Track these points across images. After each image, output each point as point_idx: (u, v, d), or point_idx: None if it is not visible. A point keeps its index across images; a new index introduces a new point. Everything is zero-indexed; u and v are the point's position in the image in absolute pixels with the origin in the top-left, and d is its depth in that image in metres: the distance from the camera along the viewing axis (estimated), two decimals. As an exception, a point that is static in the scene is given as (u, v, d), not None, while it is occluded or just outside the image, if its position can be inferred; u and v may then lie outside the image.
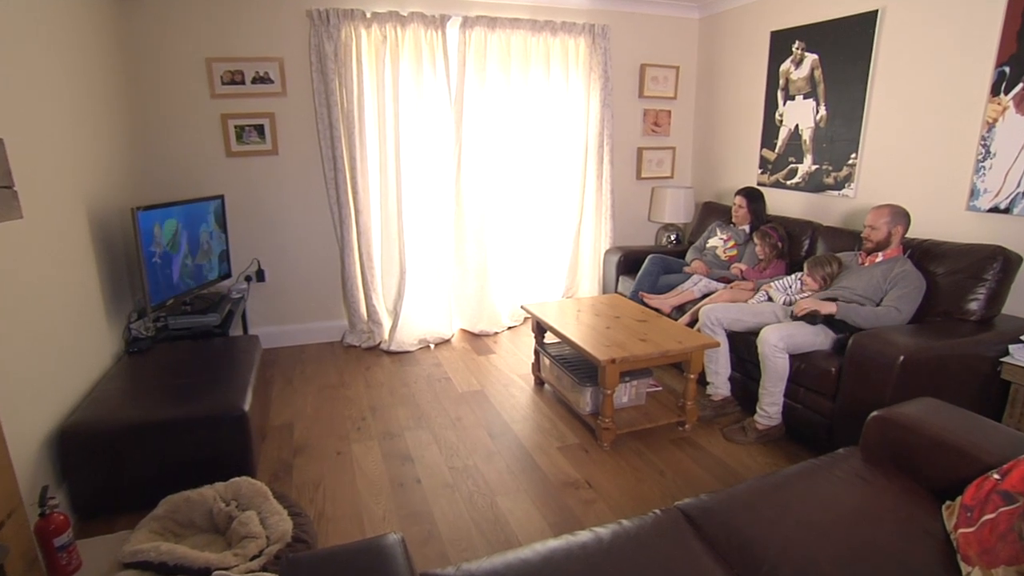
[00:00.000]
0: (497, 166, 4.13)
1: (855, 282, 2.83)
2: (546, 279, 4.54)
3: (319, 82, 3.60)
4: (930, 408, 1.75)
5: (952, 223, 2.95)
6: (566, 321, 3.07)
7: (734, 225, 3.93)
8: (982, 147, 2.79)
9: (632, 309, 3.30)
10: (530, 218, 4.38)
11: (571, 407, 3.02)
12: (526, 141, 4.21)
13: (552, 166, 4.35)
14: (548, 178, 4.36)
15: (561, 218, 4.46)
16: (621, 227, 4.76)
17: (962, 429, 1.62)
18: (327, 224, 3.93)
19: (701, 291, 3.55)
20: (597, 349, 2.66)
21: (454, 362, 3.76)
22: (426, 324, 4.06)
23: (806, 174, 3.80)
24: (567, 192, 4.42)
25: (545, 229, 4.45)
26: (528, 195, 4.32)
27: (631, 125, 4.64)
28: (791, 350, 2.66)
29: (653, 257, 3.92)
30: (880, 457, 1.73)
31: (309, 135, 3.75)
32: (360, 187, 3.75)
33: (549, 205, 4.41)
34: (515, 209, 4.30)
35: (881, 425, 1.74)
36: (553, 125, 4.27)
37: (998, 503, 1.31)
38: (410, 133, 3.83)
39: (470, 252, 4.13)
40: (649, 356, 2.64)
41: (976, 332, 2.50)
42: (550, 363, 3.23)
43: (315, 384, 3.42)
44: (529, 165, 4.27)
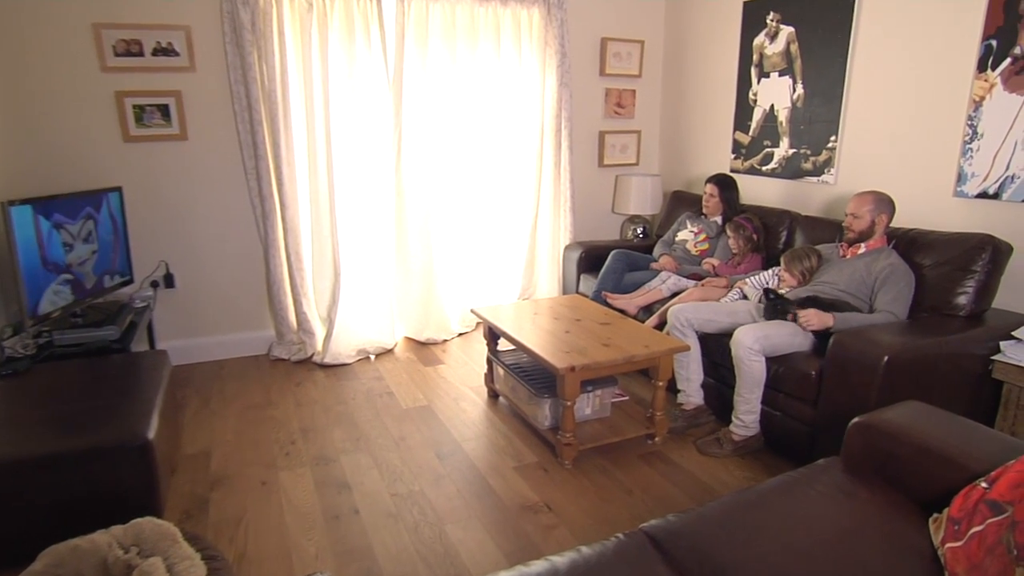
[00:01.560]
0: (442, 154, 4.09)
1: (836, 276, 2.89)
2: (500, 279, 4.53)
3: (234, 56, 3.49)
4: (915, 413, 1.78)
5: (939, 210, 3.05)
6: (521, 325, 3.06)
7: (705, 216, 3.98)
8: (969, 128, 2.89)
9: (594, 311, 3.30)
10: (481, 212, 4.36)
11: (528, 422, 3.00)
12: (475, 125, 4.19)
13: (504, 153, 4.33)
14: (500, 167, 4.34)
15: (515, 211, 4.45)
16: (582, 220, 4.77)
17: (949, 435, 1.66)
18: (248, 220, 3.82)
19: (670, 289, 3.58)
20: (555, 356, 2.65)
21: (397, 375, 3.71)
22: (365, 332, 4.00)
23: (783, 159, 3.88)
24: (522, 182, 4.41)
25: (498, 224, 4.44)
26: (478, 186, 4.30)
27: (592, 106, 4.65)
28: (767, 352, 2.69)
29: (617, 253, 3.94)
30: (863, 467, 1.76)
31: (224, 117, 3.63)
32: (286, 177, 3.65)
33: (502, 197, 4.40)
34: (464, 202, 4.27)
35: (863, 432, 1.76)
36: (505, 107, 4.25)
37: (986, 514, 1.33)
38: (342, 116, 3.76)
39: (414, 251, 4.09)
40: (613, 362, 2.63)
41: (965, 328, 2.57)
42: (504, 373, 3.20)
43: (237, 405, 3.31)
44: (478, 152, 4.25)
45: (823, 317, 2.67)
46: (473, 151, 4.23)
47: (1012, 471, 1.35)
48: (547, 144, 4.39)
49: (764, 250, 3.61)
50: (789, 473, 1.77)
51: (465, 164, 4.22)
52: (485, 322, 3.24)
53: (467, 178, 4.25)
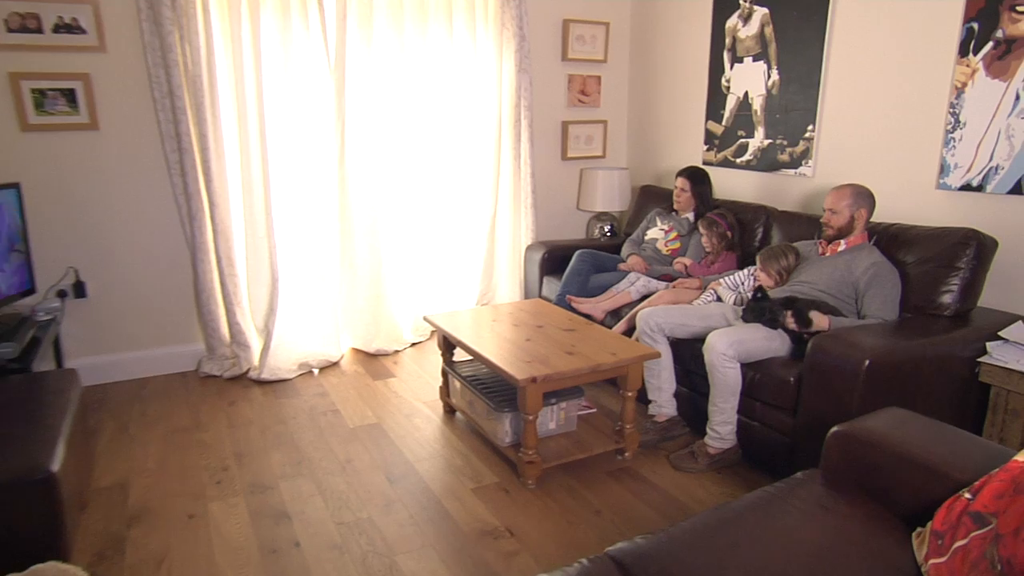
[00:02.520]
0: (390, 146, 4.06)
1: (815, 275, 2.94)
2: (456, 284, 4.52)
3: (152, 35, 3.40)
4: (896, 420, 1.82)
5: (921, 204, 3.13)
6: (478, 334, 3.05)
7: (676, 213, 4.02)
8: (951, 116, 2.97)
9: (558, 316, 3.31)
10: (434, 210, 4.34)
11: (488, 439, 2.99)
12: (426, 115, 4.17)
13: (459, 146, 4.32)
14: (454, 161, 4.33)
15: (472, 209, 4.45)
16: (545, 218, 4.79)
17: (931, 443, 1.69)
18: (172, 221, 3.73)
19: (639, 292, 3.61)
20: (514, 366, 2.64)
21: (344, 390, 3.66)
22: (307, 344, 3.94)
23: (758, 150, 3.94)
24: (478, 177, 4.41)
25: (453, 223, 4.42)
26: (431, 182, 4.28)
27: (553, 94, 4.67)
28: (743, 358, 2.72)
29: (582, 253, 3.96)
30: (843, 480, 1.78)
31: (142, 105, 3.54)
32: (215, 173, 3.57)
33: (457, 194, 4.39)
34: (415, 199, 4.25)
35: (842, 442, 1.79)
36: (458, 95, 4.24)
37: (969, 527, 1.36)
38: (278, 104, 3.70)
39: (360, 253, 4.05)
40: (578, 372, 2.64)
41: (951, 329, 2.64)
42: (461, 386, 3.19)
43: (160, 428, 3.23)
44: (430, 145, 4.23)
45: (820, 320, 2.73)
46: (424, 143, 4.20)
47: (995, 480, 1.38)
48: (505, 135, 4.39)
49: (739, 248, 3.67)
50: (765, 488, 1.78)
51: (416, 158, 4.19)
52: (439, 330, 3.22)
53: (418, 173, 4.23)
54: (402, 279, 4.27)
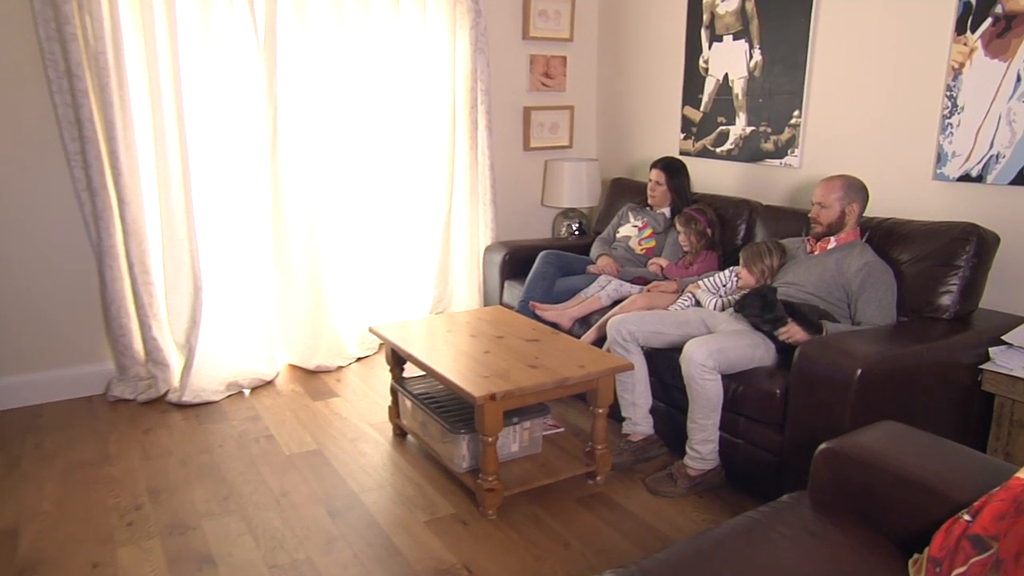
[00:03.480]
0: (330, 136, 4.03)
1: (803, 276, 2.99)
2: (407, 290, 4.50)
3: (44, 4, 3.31)
4: (890, 435, 1.85)
5: (917, 197, 3.20)
6: (432, 346, 3.04)
7: (651, 208, 4.05)
8: (948, 100, 3.04)
9: (520, 325, 3.31)
10: (381, 207, 4.32)
11: (443, 464, 2.98)
12: (370, 101, 4.14)
13: (408, 136, 4.31)
14: (404, 152, 4.32)
15: (424, 206, 4.43)
16: (505, 215, 4.79)
17: (928, 460, 1.72)
18: (74, 221, 3.64)
19: (610, 297, 3.62)
20: (471, 382, 2.63)
21: (279, 412, 3.62)
22: (237, 361, 3.89)
23: (739, 138, 3.99)
24: (430, 170, 4.39)
25: (403, 222, 4.41)
26: (377, 176, 4.26)
27: (514, 77, 4.68)
28: (724, 369, 2.75)
29: (547, 254, 3.97)
30: (832, 502, 1.80)
31: (33, 86, 3.44)
32: (124, 166, 3.50)
33: (407, 189, 4.37)
34: (360, 196, 4.23)
35: (831, 461, 1.81)
36: (407, 79, 4.22)
37: (969, 552, 1.39)
38: (199, 88, 3.64)
39: (298, 257, 4.01)
40: (542, 387, 2.64)
41: (950, 333, 2.68)
42: (413, 405, 3.17)
43: (59, 463, 3.14)
44: (376, 134, 4.21)
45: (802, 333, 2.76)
46: (369, 133, 4.18)
47: (996, 500, 1.41)
48: (460, 123, 4.38)
49: (720, 247, 3.71)
50: (749, 514, 1.80)
51: (360, 149, 4.17)
52: (387, 343, 3.20)
53: (363, 166, 4.20)
54: (345, 285, 4.24)
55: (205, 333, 3.77)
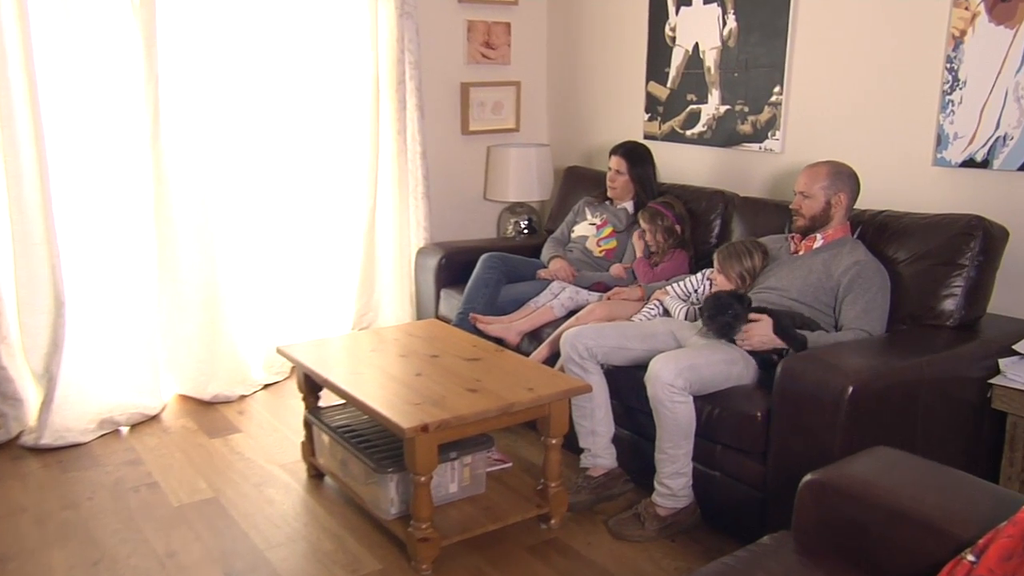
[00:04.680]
0: (226, 118, 3.98)
1: (787, 279, 3.02)
2: (324, 302, 4.47)
3: None
4: (884, 463, 1.86)
5: (915, 185, 3.26)
6: (353, 369, 3.01)
7: (611, 202, 4.07)
8: (948, 72, 3.11)
9: (459, 342, 3.30)
10: (291, 204, 4.29)
11: (367, 511, 2.94)
12: (274, 76, 4.11)
13: (323, 119, 4.28)
14: (317, 137, 4.29)
15: (343, 202, 4.41)
16: (441, 212, 4.77)
17: (928, 491, 1.74)
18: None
19: (564, 307, 3.63)
20: (399, 411, 2.61)
21: (166, 454, 3.57)
22: (111, 393, 3.82)
23: (712, 119, 4.04)
24: (350, 160, 4.37)
25: (318, 221, 4.38)
26: (285, 166, 4.23)
27: (449, 47, 4.67)
28: (696, 389, 2.76)
29: (490, 258, 3.96)
30: (819, 543, 1.81)
31: None
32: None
33: (321, 182, 4.35)
34: (263, 190, 4.18)
35: (817, 494, 1.82)
36: (319, 48, 4.20)
37: (973, 597, 1.40)
38: (56, 58, 3.55)
39: (188, 264, 3.96)
40: (484, 415, 2.63)
41: (954, 343, 2.72)
42: (330, 441, 3.14)
43: None
44: (282, 116, 4.17)
45: (766, 335, 2.79)
46: (275, 114, 4.14)
47: (1002, 536, 1.42)
48: (385, 103, 4.36)
49: (691, 246, 3.74)
50: (725, 560, 1.79)
51: (264, 133, 4.13)
52: (299, 366, 3.17)
53: (268, 154, 4.16)
54: (248, 298, 4.18)
55: (70, 359, 3.69)
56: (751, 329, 2.82)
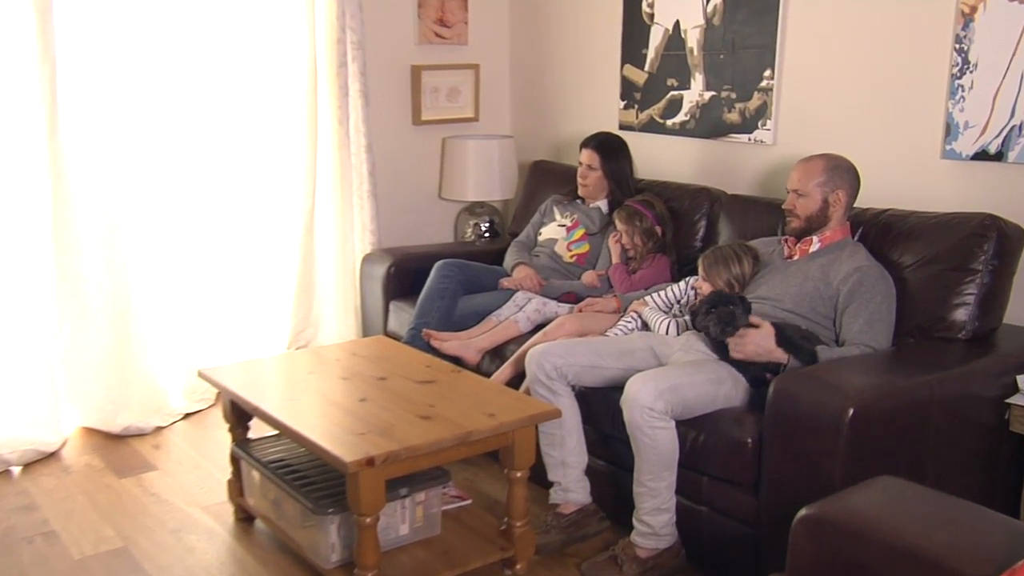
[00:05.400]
0: (137, 108, 3.95)
1: (780, 288, 3.04)
2: (255, 318, 4.46)
3: None
4: (888, 495, 1.87)
5: (922, 181, 3.29)
6: (288, 394, 3.00)
7: (583, 201, 4.08)
8: (957, 54, 3.14)
9: (410, 362, 3.29)
10: (215, 206, 4.27)
11: (304, 557, 2.91)
12: (193, 58, 4.09)
13: (252, 107, 4.27)
14: (245, 130, 4.27)
15: (277, 203, 4.40)
16: (390, 213, 4.76)
17: (937, 526, 1.74)
18: None
19: (531, 320, 3.63)
20: (341, 442, 2.58)
21: (66, 498, 3.51)
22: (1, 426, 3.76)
23: (696, 107, 4.07)
24: (284, 154, 4.36)
25: (247, 225, 4.36)
26: (207, 162, 4.21)
27: (397, 25, 4.67)
28: (679, 412, 2.75)
29: (445, 265, 3.95)
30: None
31: None
32: None
33: (251, 180, 4.33)
34: (182, 190, 4.16)
35: (814, 531, 1.82)
36: (246, 28, 4.18)
37: (988, 646, 1.40)
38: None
39: (93, 277, 3.93)
40: (439, 445, 2.61)
41: (968, 358, 2.74)
42: (261, 478, 3.11)
43: None
44: (203, 104, 4.16)
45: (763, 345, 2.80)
46: (194, 102, 4.12)
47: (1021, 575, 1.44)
48: (324, 89, 4.35)
49: (673, 251, 3.76)
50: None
51: (181, 125, 4.10)
52: (225, 392, 3.14)
53: (186, 150, 4.13)
54: (165, 315, 4.16)
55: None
56: (749, 334, 2.82)
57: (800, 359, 2.78)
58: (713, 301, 2.90)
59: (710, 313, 2.87)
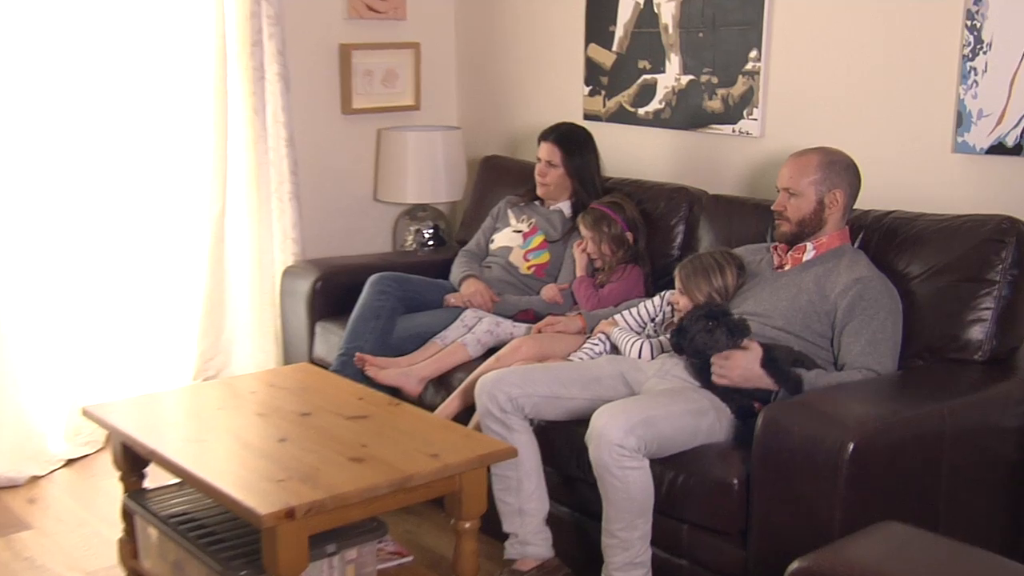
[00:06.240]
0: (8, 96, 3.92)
1: (769, 302, 3.06)
2: (154, 345, 4.43)
3: None
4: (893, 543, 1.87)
5: (931, 178, 3.33)
6: (193, 434, 2.99)
7: (542, 203, 4.09)
8: (969, 32, 3.17)
9: (340, 393, 3.27)
10: (104, 214, 4.25)
11: (213, 630, 2.87)
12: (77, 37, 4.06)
13: (146, 92, 4.25)
14: (138, 121, 4.26)
15: (178, 208, 4.39)
16: (316, 218, 4.75)
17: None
18: None
19: (481, 343, 3.63)
20: (255, 491, 2.56)
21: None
22: None
23: (672, 93, 4.09)
24: (187, 149, 4.35)
25: (143, 235, 4.33)
26: (92, 161, 4.19)
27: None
28: (654, 450, 2.75)
29: (381, 279, 3.94)
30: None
31: None
32: None
33: (146, 181, 4.31)
34: (62, 193, 4.13)
35: (810, 587, 1.83)
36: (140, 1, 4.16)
37: None
38: None
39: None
40: (373, 492, 2.58)
41: (985, 383, 2.77)
42: (160, 535, 3.07)
43: None
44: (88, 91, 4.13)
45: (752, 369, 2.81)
46: (77, 89, 4.10)
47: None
48: (235, 72, 4.34)
49: (647, 260, 3.78)
50: None
51: (60, 117, 4.08)
52: (115, 433, 3.10)
53: (67, 146, 4.11)
54: (44, 343, 4.12)
55: None
56: (735, 356, 2.82)
57: (785, 387, 2.78)
58: (698, 314, 2.90)
59: (695, 324, 2.86)
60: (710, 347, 2.85)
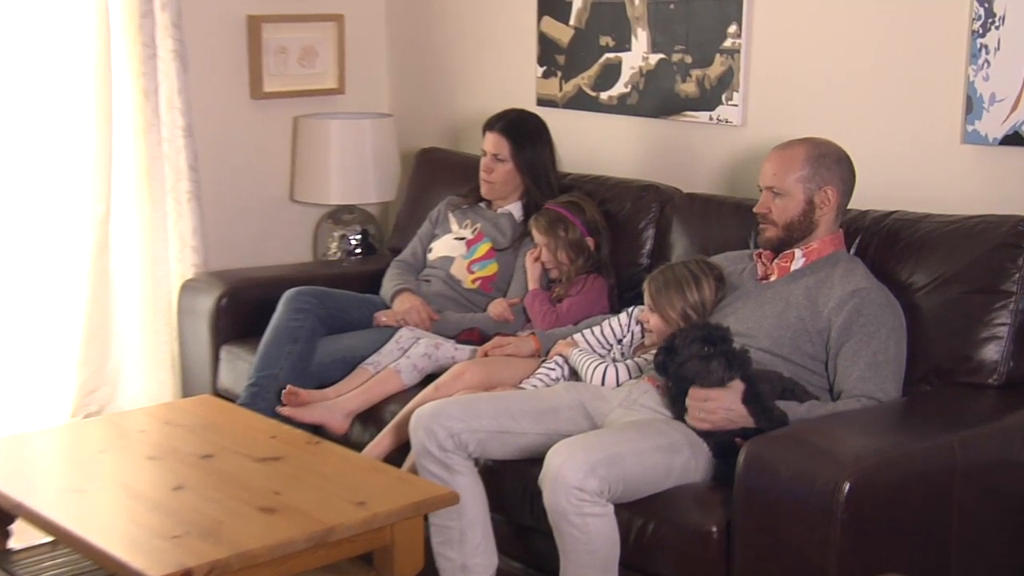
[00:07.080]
0: None
1: (753, 319, 3.09)
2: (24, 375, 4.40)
3: None
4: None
5: (937, 173, 3.38)
6: (71, 483, 2.97)
7: (488, 204, 4.11)
8: (979, 4, 3.20)
9: (248, 431, 3.27)
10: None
11: None
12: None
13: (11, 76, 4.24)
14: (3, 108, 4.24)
15: (53, 211, 4.39)
16: (221, 222, 4.76)
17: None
18: None
19: (418, 369, 3.63)
20: (145, 549, 2.54)
21: None
22: None
23: (639, 75, 4.12)
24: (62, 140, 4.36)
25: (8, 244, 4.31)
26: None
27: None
28: (619, 493, 2.74)
29: (299, 295, 3.94)
30: None
31: None
32: None
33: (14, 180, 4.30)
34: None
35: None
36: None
37: None
38: None
39: None
40: (286, 549, 2.58)
41: (1001, 411, 2.80)
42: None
43: None
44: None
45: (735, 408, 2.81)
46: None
47: None
48: (120, 49, 4.34)
49: (611, 270, 3.80)
50: None
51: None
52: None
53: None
54: None
55: None
56: (713, 396, 2.80)
57: (762, 424, 2.75)
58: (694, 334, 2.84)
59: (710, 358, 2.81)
60: (702, 377, 2.81)
